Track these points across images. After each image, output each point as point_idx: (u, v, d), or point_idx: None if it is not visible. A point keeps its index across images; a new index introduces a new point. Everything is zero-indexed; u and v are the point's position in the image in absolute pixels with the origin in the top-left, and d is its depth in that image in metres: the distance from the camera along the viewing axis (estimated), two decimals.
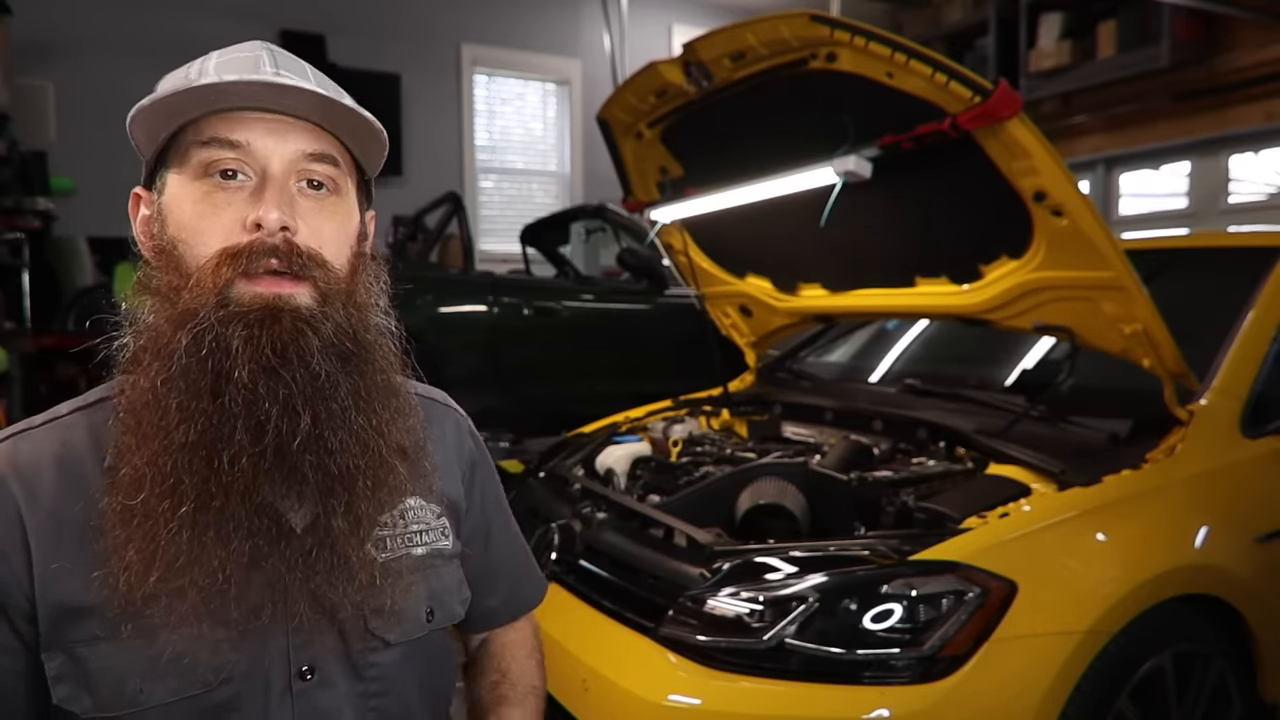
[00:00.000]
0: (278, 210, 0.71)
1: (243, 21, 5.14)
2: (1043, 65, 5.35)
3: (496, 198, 6.43)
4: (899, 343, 2.79)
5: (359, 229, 0.81)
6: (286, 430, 0.69)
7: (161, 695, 0.72)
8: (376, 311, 0.80)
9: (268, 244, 0.71)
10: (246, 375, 0.68)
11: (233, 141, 0.73)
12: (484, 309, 3.93)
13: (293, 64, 0.77)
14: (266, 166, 0.73)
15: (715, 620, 1.48)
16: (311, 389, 0.70)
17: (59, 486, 0.74)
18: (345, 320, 0.74)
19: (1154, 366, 1.76)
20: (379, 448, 0.75)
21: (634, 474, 2.27)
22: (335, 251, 0.76)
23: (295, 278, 0.72)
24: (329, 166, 0.77)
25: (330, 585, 0.74)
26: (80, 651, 0.72)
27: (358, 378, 0.74)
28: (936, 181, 1.90)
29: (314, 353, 0.71)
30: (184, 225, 0.73)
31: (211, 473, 0.68)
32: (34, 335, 3.99)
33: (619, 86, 2.20)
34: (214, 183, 0.73)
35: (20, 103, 4.37)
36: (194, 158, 0.73)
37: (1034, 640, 1.41)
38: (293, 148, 0.74)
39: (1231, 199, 4.96)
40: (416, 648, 0.85)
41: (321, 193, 0.77)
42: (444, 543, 0.90)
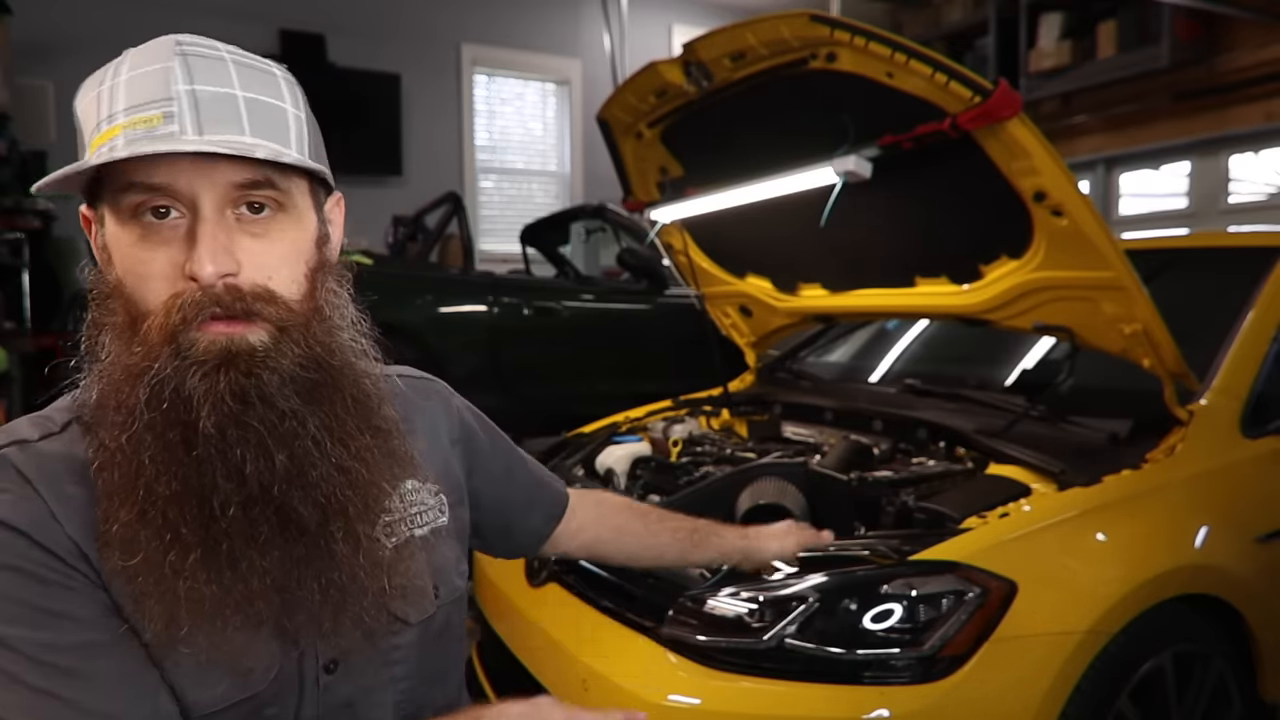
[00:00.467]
0: (211, 262, 0.67)
1: (242, 21, 5.14)
2: (1043, 65, 5.35)
3: (496, 198, 6.43)
4: (899, 343, 2.79)
5: (315, 233, 0.77)
6: (265, 471, 0.68)
7: (207, 704, 0.72)
8: (342, 328, 0.77)
9: (210, 294, 0.68)
10: (213, 425, 0.66)
11: (153, 185, 0.68)
12: (484, 309, 3.93)
13: (210, 69, 0.70)
14: (197, 204, 0.68)
15: (715, 620, 1.48)
16: (281, 429, 0.69)
17: (82, 494, 0.71)
18: (306, 349, 0.72)
19: (1154, 366, 1.76)
20: (360, 472, 0.74)
21: (634, 474, 2.27)
22: (286, 277, 0.72)
23: (247, 322, 0.69)
24: (266, 190, 0.71)
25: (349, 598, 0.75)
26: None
27: (327, 407, 0.72)
28: (936, 181, 1.90)
29: (275, 392, 0.69)
30: (127, 269, 0.70)
31: (210, 519, 0.67)
32: (34, 335, 3.99)
33: (619, 86, 2.20)
34: (146, 224, 0.69)
35: (20, 103, 4.37)
36: (122, 200, 0.69)
37: (1034, 640, 1.41)
38: (220, 182, 0.69)
39: (1231, 199, 4.96)
40: (430, 626, 0.87)
41: (264, 215, 0.72)
42: (441, 520, 0.91)
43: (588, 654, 1.60)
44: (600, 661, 1.57)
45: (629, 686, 1.48)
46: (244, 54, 0.74)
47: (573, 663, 1.60)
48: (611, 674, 1.53)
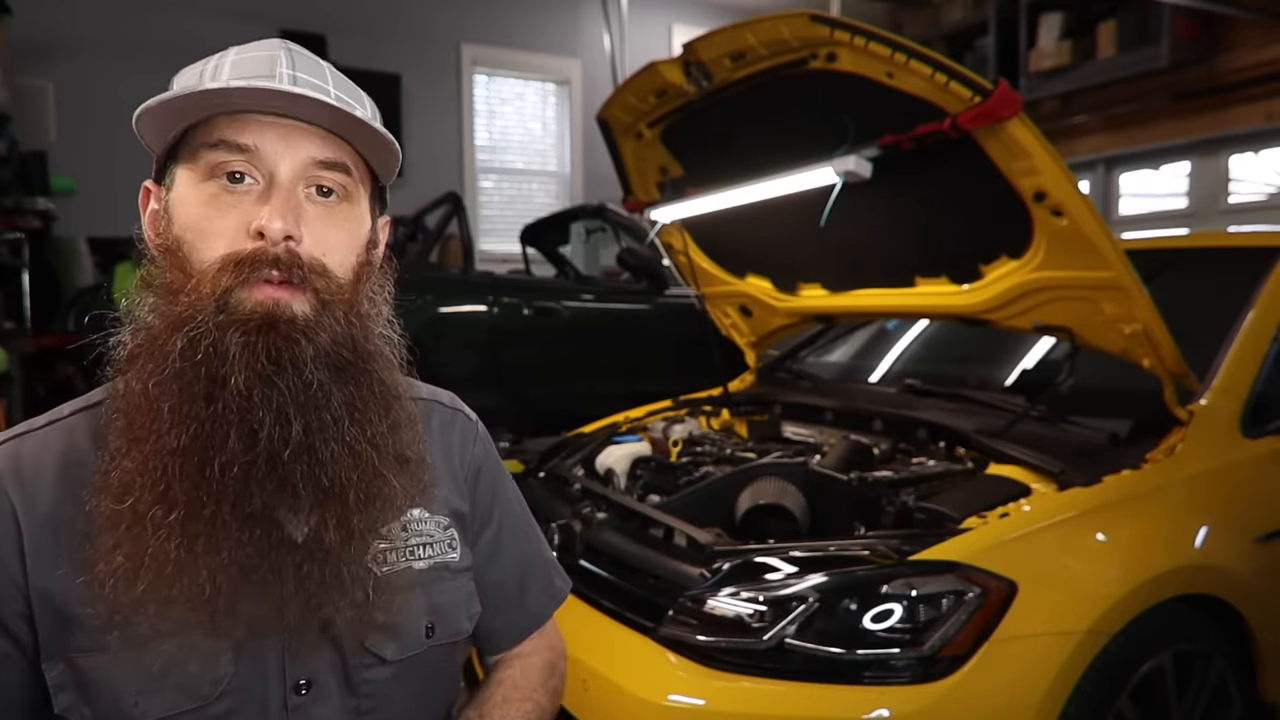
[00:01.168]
0: (281, 220, 0.70)
1: (242, 21, 5.14)
2: (1043, 65, 5.35)
3: (496, 198, 6.43)
4: (899, 343, 2.79)
5: (368, 236, 0.80)
6: (279, 438, 0.68)
7: (158, 709, 0.71)
8: (379, 321, 0.79)
9: (270, 254, 0.70)
10: (242, 382, 0.67)
11: (241, 145, 0.71)
12: (484, 309, 3.92)
13: (311, 66, 0.76)
14: (274, 172, 0.72)
15: (715, 620, 1.48)
16: (304, 398, 0.69)
17: (59, 489, 0.73)
18: (344, 329, 0.73)
19: (1154, 366, 1.76)
20: (371, 459, 0.73)
21: (634, 474, 2.27)
22: (340, 260, 0.75)
23: (295, 286, 0.71)
24: (339, 174, 0.75)
25: (324, 598, 0.73)
26: (79, 661, 0.70)
27: (353, 388, 0.73)
28: (936, 181, 1.90)
29: (307, 361, 0.70)
30: (189, 226, 0.72)
31: (203, 479, 0.67)
32: (34, 335, 3.99)
33: (619, 86, 2.20)
34: (221, 185, 0.72)
35: (20, 103, 4.37)
36: (203, 158, 0.72)
37: (1034, 640, 1.41)
38: (303, 154, 0.73)
39: (1231, 199, 4.96)
40: (415, 664, 0.82)
41: (330, 200, 0.75)
42: (450, 555, 0.87)
43: (588, 654, 1.60)
44: (600, 661, 1.57)
45: (629, 686, 1.48)
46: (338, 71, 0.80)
47: (573, 663, 1.59)
48: (611, 674, 1.53)
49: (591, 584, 1.76)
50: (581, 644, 1.63)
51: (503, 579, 0.97)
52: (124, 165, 4.66)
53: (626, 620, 1.62)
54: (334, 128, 0.75)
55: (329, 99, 0.72)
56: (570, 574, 1.79)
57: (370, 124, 0.74)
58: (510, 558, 0.98)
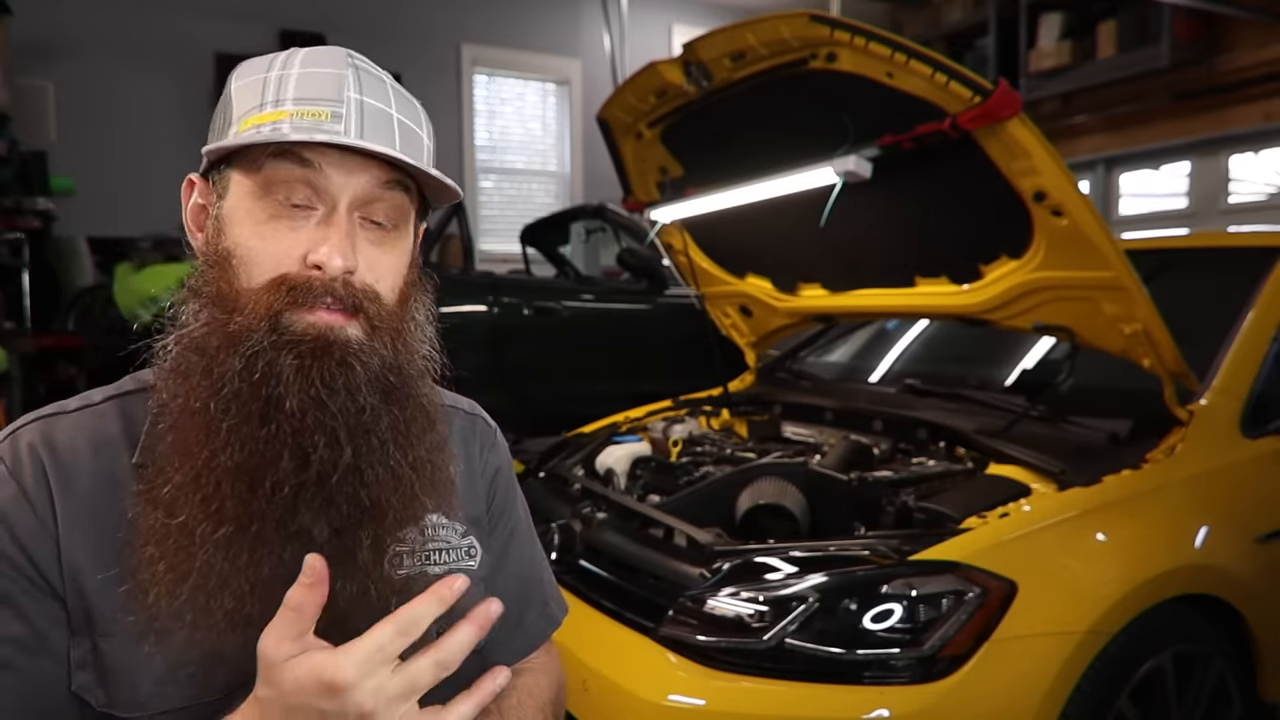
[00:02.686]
0: (341, 256, 0.71)
1: (243, 21, 5.14)
2: (1043, 65, 5.35)
3: (496, 198, 6.44)
4: (899, 343, 2.79)
5: (411, 258, 0.81)
6: (329, 460, 0.69)
7: (174, 701, 0.72)
8: (422, 342, 0.80)
9: (327, 284, 0.71)
10: (296, 405, 0.68)
11: (306, 159, 0.71)
12: (484, 309, 3.93)
13: (376, 86, 0.76)
14: (336, 199, 0.72)
15: (715, 620, 1.48)
16: (355, 422, 0.70)
17: (92, 474, 0.73)
18: (392, 354, 0.74)
19: (1154, 366, 1.76)
20: (411, 482, 0.75)
21: (634, 474, 2.27)
22: (390, 285, 0.76)
23: (348, 313, 0.72)
24: (399, 194, 0.76)
25: (340, 598, 0.72)
26: (101, 645, 0.71)
27: (398, 411, 0.74)
28: (936, 181, 1.90)
29: (360, 386, 0.71)
30: (242, 243, 0.72)
31: (253, 498, 0.68)
32: (34, 335, 3.99)
33: (619, 86, 2.20)
34: (280, 208, 0.72)
35: (20, 103, 4.37)
36: (264, 169, 0.72)
37: (1034, 640, 1.41)
38: (365, 178, 0.73)
39: (1231, 199, 4.96)
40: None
41: (384, 228, 0.76)
42: (468, 563, 0.87)
43: (588, 654, 1.60)
44: (600, 661, 1.57)
45: (629, 686, 1.48)
46: (396, 83, 0.80)
47: (573, 663, 1.60)
48: (611, 674, 1.53)
49: (591, 584, 1.76)
50: (581, 644, 1.63)
51: (503, 595, 0.94)
52: (124, 165, 4.67)
53: (626, 620, 1.62)
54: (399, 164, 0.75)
55: (394, 150, 0.73)
56: (570, 574, 1.81)
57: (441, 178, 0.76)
58: (512, 575, 0.98)
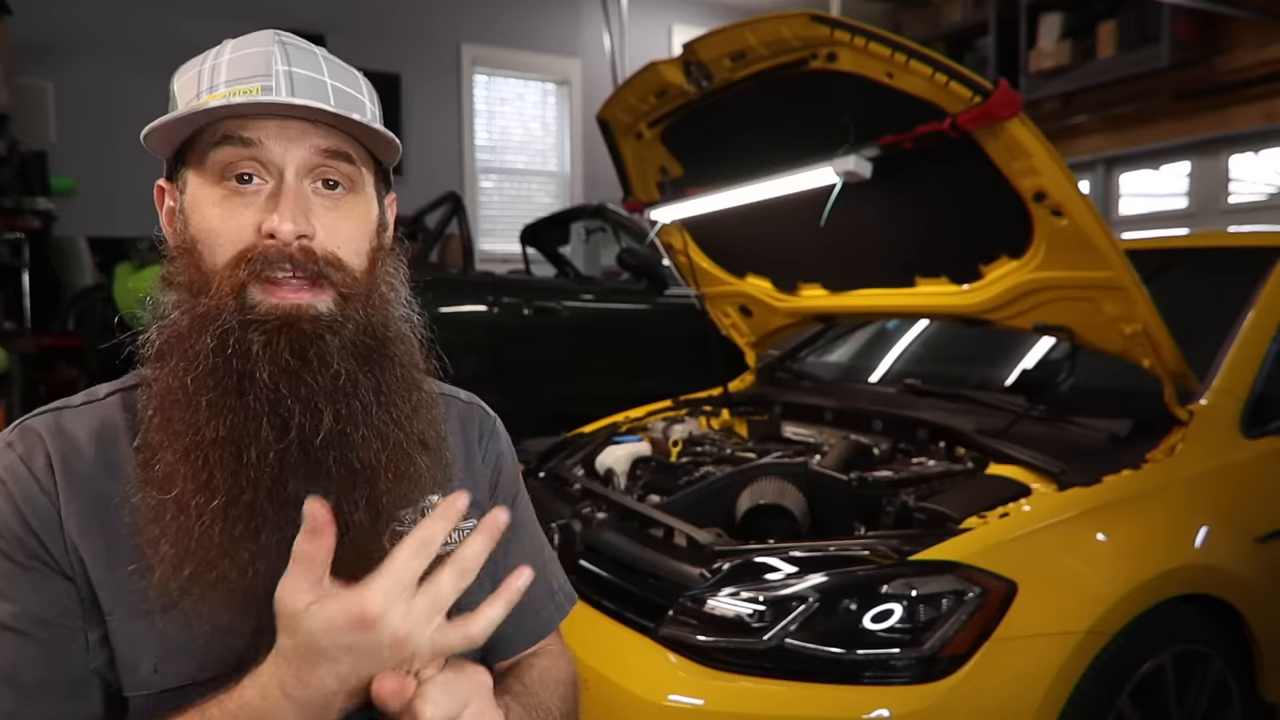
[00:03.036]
0: (292, 221, 0.71)
1: (243, 21, 5.10)
2: (1043, 65, 5.35)
3: (496, 198, 6.44)
4: (899, 343, 2.79)
5: (378, 221, 0.82)
6: (309, 427, 0.71)
7: (175, 678, 0.73)
8: (397, 304, 0.81)
9: (283, 251, 0.72)
10: (267, 376, 0.70)
11: (245, 139, 0.73)
12: (484, 309, 3.93)
13: (306, 58, 0.77)
14: (282, 169, 0.74)
15: (715, 620, 1.48)
16: (332, 388, 0.72)
17: (96, 464, 0.75)
18: (365, 319, 0.76)
19: (1154, 366, 1.76)
20: (399, 440, 0.76)
21: (634, 474, 2.27)
22: (353, 250, 0.77)
23: (313, 285, 0.73)
24: (344, 163, 0.76)
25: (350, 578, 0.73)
26: (110, 625, 0.73)
27: (378, 373, 0.76)
28: (936, 181, 1.90)
29: (334, 354, 0.72)
30: (202, 228, 0.74)
31: (241, 467, 0.70)
32: (34, 335, 3.99)
33: (619, 86, 2.20)
34: (231, 186, 0.74)
35: (20, 103, 4.37)
36: (210, 158, 0.74)
37: (1034, 640, 1.41)
38: (308, 146, 0.74)
39: (1231, 199, 4.96)
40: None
41: (338, 192, 0.77)
42: None
43: (588, 654, 1.60)
44: (600, 661, 1.57)
45: (629, 686, 1.48)
46: (330, 55, 0.81)
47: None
48: (611, 674, 1.53)
49: (591, 584, 1.75)
50: (581, 644, 1.62)
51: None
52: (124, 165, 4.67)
53: (627, 620, 1.62)
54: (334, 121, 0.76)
55: (329, 105, 0.74)
56: (570, 574, 1.80)
57: (370, 124, 0.76)
58: (519, 557, 0.97)
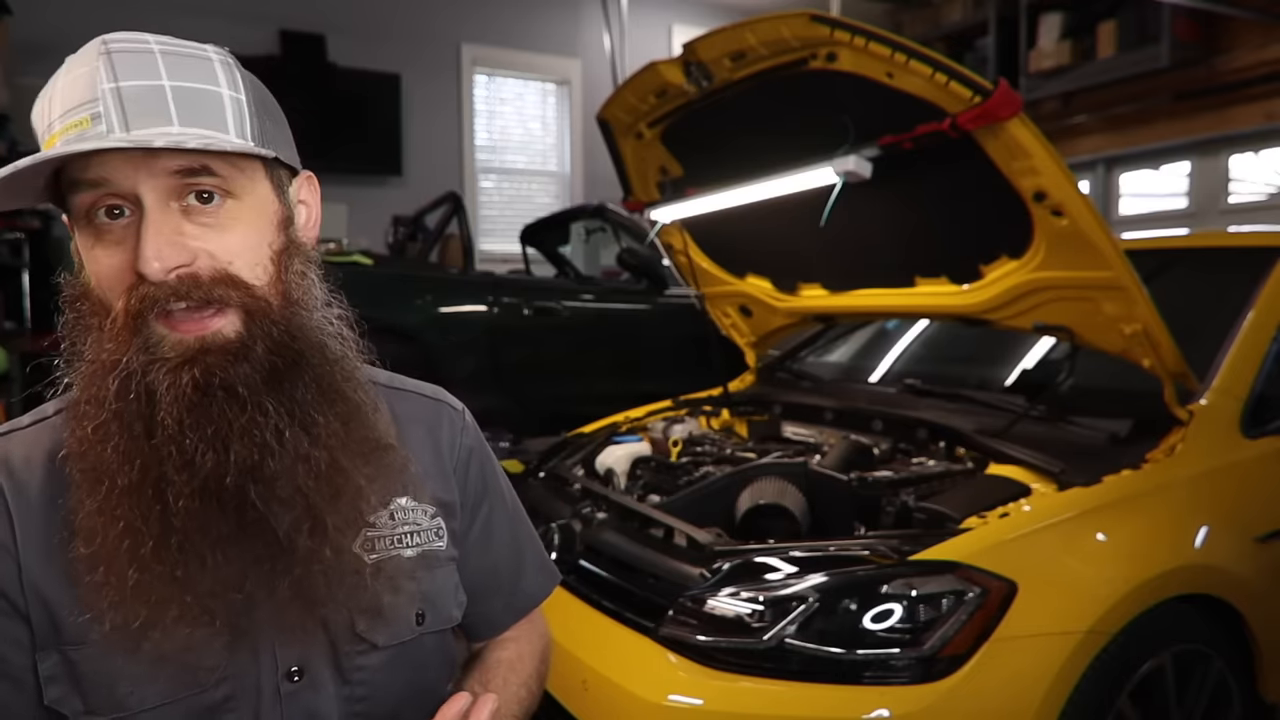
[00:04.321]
0: (157, 259, 0.66)
1: (242, 22, 5.14)
2: (1043, 65, 5.35)
3: (496, 198, 6.43)
4: (899, 343, 2.79)
5: (279, 217, 0.75)
6: (216, 465, 0.67)
7: (153, 698, 0.71)
8: (312, 307, 0.75)
9: (166, 286, 0.67)
10: (172, 419, 0.66)
11: (92, 181, 0.67)
12: (484, 309, 3.93)
13: (135, 64, 0.70)
14: (141, 199, 0.67)
15: (715, 620, 1.48)
16: (240, 420, 0.68)
17: (48, 485, 0.73)
18: (277, 334, 0.71)
19: (1154, 366, 1.76)
20: (323, 460, 0.72)
21: (634, 474, 2.27)
22: (250, 262, 0.71)
23: (215, 311, 0.68)
24: (207, 177, 0.69)
25: (315, 589, 0.73)
26: (71, 654, 0.71)
27: (288, 390, 0.71)
28: (937, 181, 1.90)
29: (241, 383, 0.68)
30: (90, 273, 0.70)
31: (161, 512, 0.67)
32: (34, 335, 3.99)
33: (619, 86, 2.20)
34: (101, 225, 0.69)
35: (20, 103, 4.36)
36: (72, 203, 0.69)
37: (1034, 640, 1.41)
38: (158, 171, 0.67)
39: (1231, 199, 4.96)
40: (406, 651, 0.83)
41: (214, 204, 0.70)
42: (438, 544, 0.87)
43: (588, 654, 1.60)
44: (600, 661, 1.57)
45: (629, 686, 1.48)
46: (176, 42, 0.73)
47: (573, 663, 1.60)
48: (611, 674, 1.53)
49: (591, 584, 1.76)
50: (581, 644, 1.63)
51: (498, 562, 0.98)
52: None
53: (626, 620, 1.62)
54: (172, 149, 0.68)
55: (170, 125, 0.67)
56: (570, 574, 1.81)
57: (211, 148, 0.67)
58: (504, 541, 0.99)
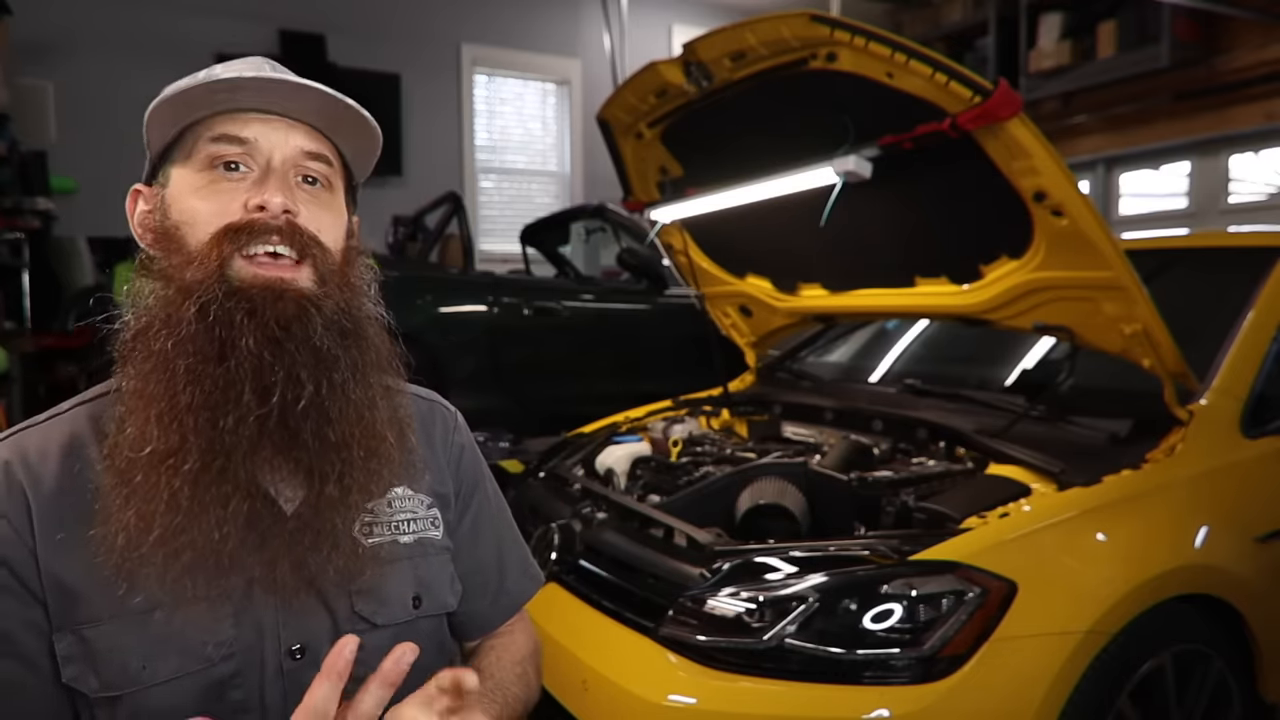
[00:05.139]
0: (281, 195, 0.76)
1: (242, 21, 5.14)
2: (1043, 65, 5.35)
3: (496, 198, 6.43)
4: (899, 343, 2.79)
5: (347, 224, 0.86)
6: (291, 396, 0.73)
7: (164, 672, 0.74)
8: (368, 298, 0.85)
9: (270, 224, 0.75)
10: (253, 343, 0.72)
11: (240, 138, 0.78)
12: (484, 309, 3.93)
13: (290, 73, 0.81)
14: (270, 159, 0.78)
15: (715, 620, 1.48)
16: (314, 360, 0.75)
17: (63, 473, 0.76)
18: (342, 300, 0.79)
19: (1154, 366, 1.76)
20: (372, 419, 0.80)
21: (634, 474, 2.27)
22: (331, 237, 0.81)
23: (296, 261, 0.76)
24: (324, 165, 0.82)
25: (314, 556, 0.77)
26: (86, 632, 0.74)
27: (356, 352, 0.79)
28: (937, 181, 1.90)
29: (317, 329, 0.75)
30: (186, 210, 0.77)
31: (216, 433, 0.71)
32: (34, 335, 3.99)
33: (619, 86, 2.20)
34: (218, 174, 0.77)
35: (20, 103, 4.36)
36: (201, 152, 0.78)
37: (1034, 640, 1.41)
38: (294, 144, 0.80)
39: (1231, 199, 4.96)
40: (403, 633, 0.85)
41: (316, 188, 0.82)
42: (434, 533, 0.91)
43: (588, 654, 1.60)
44: (600, 661, 1.57)
45: (629, 686, 1.48)
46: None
47: (573, 663, 1.60)
48: (611, 674, 1.53)
49: (591, 584, 1.75)
50: (581, 644, 1.63)
51: (484, 561, 1.01)
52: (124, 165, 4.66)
53: (626, 620, 1.62)
54: (320, 125, 0.82)
55: (324, 89, 0.79)
56: (570, 574, 1.81)
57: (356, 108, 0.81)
58: (489, 541, 1.03)
